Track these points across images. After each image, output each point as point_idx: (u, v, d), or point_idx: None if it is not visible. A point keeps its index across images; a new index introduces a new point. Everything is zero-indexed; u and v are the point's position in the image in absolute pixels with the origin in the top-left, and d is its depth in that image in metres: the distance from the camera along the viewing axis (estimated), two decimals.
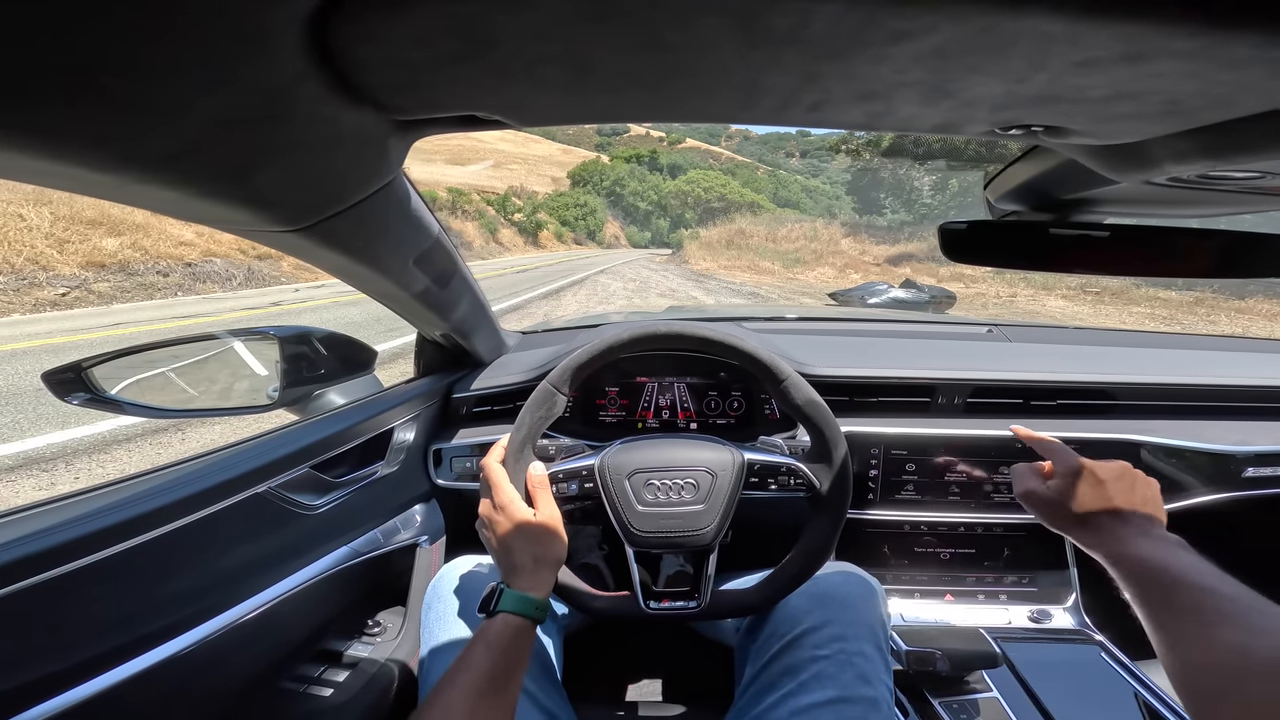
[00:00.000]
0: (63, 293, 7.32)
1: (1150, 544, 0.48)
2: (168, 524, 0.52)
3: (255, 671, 0.66)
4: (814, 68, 0.30)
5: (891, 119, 0.37)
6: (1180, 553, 0.47)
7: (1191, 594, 0.43)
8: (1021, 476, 0.59)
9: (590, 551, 1.14)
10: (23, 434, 3.00)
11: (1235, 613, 0.40)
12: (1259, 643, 0.37)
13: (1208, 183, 0.45)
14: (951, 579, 1.00)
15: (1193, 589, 0.43)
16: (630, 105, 0.37)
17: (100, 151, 0.29)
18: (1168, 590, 0.44)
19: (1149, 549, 0.48)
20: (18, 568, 0.42)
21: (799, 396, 0.70)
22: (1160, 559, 0.46)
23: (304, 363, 0.87)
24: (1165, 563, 0.46)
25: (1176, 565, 0.45)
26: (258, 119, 0.32)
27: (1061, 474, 0.56)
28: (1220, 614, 0.40)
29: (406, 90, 0.34)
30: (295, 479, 0.67)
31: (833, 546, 0.68)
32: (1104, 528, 0.51)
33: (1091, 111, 0.34)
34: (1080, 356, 1.08)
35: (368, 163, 0.43)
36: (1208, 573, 0.44)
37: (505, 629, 0.55)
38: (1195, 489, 0.93)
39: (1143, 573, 0.47)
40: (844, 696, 0.60)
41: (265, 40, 0.27)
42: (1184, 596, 0.43)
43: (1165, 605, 0.44)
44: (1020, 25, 0.25)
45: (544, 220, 40.84)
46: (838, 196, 72.47)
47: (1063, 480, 0.55)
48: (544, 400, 0.70)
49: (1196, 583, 0.43)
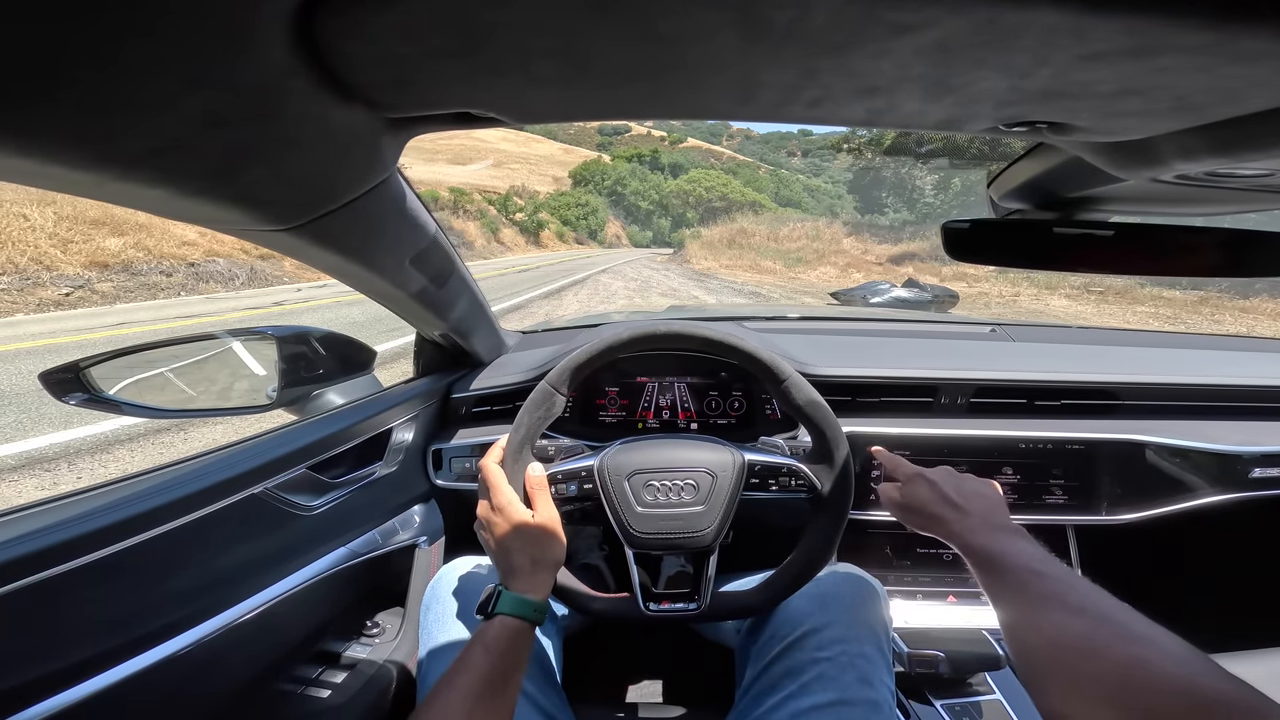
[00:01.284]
0: (66, 292, 7.35)
1: (990, 534, 0.53)
2: (164, 524, 0.51)
3: (253, 672, 0.65)
4: (813, 62, 0.30)
5: (893, 116, 0.36)
6: (1016, 540, 0.51)
7: (1020, 576, 0.47)
8: (883, 491, 0.67)
9: (590, 552, 1.13)
10: (25, 434, 3.01)
11: (1056, 593, 0.43)
12: (1074, 621, 0.40)
13: (1215, 180, 0.44)
14: (954, 580, 0.99)
15: (1021, 572, 0.47)
16: (627, 101, 0.36)
17: (77, 150, 0.28)
18: (1002, 574, 0.48)
19: (988, 538, 0.52)
20: (15, 567, 0.41)
21: (800, 396, 0.69)
22: (997, 547, 0.50)
23: (302, 363, 0.86)
24: (1001, 549, 0.50)
25: (1010, 551, 0.49)
26: (243, 117, 0.31)
27: (904, 480, 0.65)
28: (1044, 595, 0.44)
29: (397, 87, 0.34)
30: (292, 480, 0.67)
31: (834, 548, 0.68)
32: (948, 520, 0.57)
33: (1097, 107, 0.33)
34: (1084, 356, 1.07)
35: (360, 161, 0.42)
36: (1037, 557, 0.48)
37: (504, 631, 0.54)
38: (1201, 489, 0.92)
39: (983, 560, 0.51)
40: (845, 699, 0.60)
41: (249, 36, 0.26)
42: (1014, 579, 0.47)
43: (1000, 589, 0.48)
44: (1025, 18, 0.24)
45: (545, 220, 40.84)
46: (840, 196, 72.35)
47: (905, 486, 0.64)
48: (543, 400, 0.69)
49: (1025, 566, 0.47)
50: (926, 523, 0.60)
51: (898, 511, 0.65)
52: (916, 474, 0.64)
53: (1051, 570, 0.46)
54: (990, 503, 0.58)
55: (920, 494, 0.61)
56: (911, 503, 0.62)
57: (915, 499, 0.62)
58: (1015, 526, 0.54)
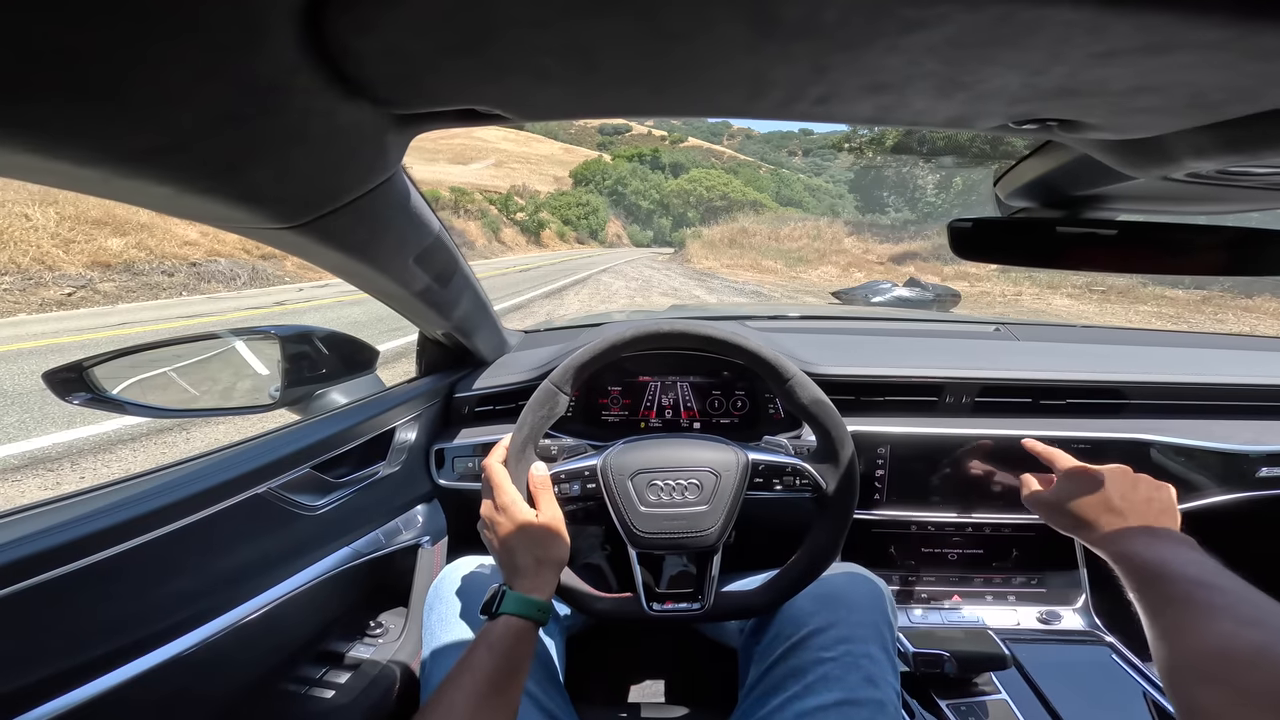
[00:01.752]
0: (68, 292, 7.36)
1: (1152, 541, 0.49)
2: (168, 525, 0.51)
3: (257, 673, 0.65)
4: (823, 59, 0.29)
5: (903, 113, 0.36)
6: (1181, 549, 0.47)
7: (1185, 587, 0.43)
8: (1027, 482, 0.63)
9: (593, 552, 1.13)
10: (29, 434, 3.01)
11: (1226, 605, 0.40)
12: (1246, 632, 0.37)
13: (1226, 179, 0.44)
14: (959, 580, 0.99)
15: (1187, 582, 0.43)
16: (633, 99, 0.36)
17: (85, 146, 0.28)
18: (1163, 584, 0.45)
19: (1149, 545, 0.48)
20: (19, 568, 0.41)
21: (804, 396, 0.69)
22: (1159, 555, 0.47)
23: (305, 362, 0.86)
24: (1163, 558, 0.46)
25: (1174, 560, 0.46)
26: (251, 113, 0.31)
27: (1062, 477, 0.59)
28: (1211, 606, 0.41)
29: (404, 83, 0.33)
30: (296, 479, 0.66)
31: (839, 547, 0.68)
32: (1106, 526, 0.53)
33: (1111, 105, 0.33)
34: (1089, 355, 1.07)
35: (366, 158, 0.42)
36: (1207, 568, 0.44)
37: (507, 631, 0.54)
38: (1208, 489, 0.92)
39: (1141, 567, 0.47)
40: (850, 699, 0.59)
41: (257, 32, 0.26)
42: (1178, 589, 0.43)
43: (1160, 598, 0.44)
44: (1039, 14, 0.24)
45: (546, 219, 40.83)
46: (841, 195, 72.31)
47: (1063, 482, 0.59)
48: (546, 400, 0.69)
49: (1192, 576, 0.44)
50: (1074, 525, 0.56)
51: (1041, 509, 0.60)
52: (1079, 470, 0.58)
53: (1220, 582, 0.42)
54: (1157, 507, 0.54)
55: (1081, 494, 0.56)
56: (1067, 501, 0.57)
57: (1070, 497, 0.57)
58: (1181, 535, 0.50)
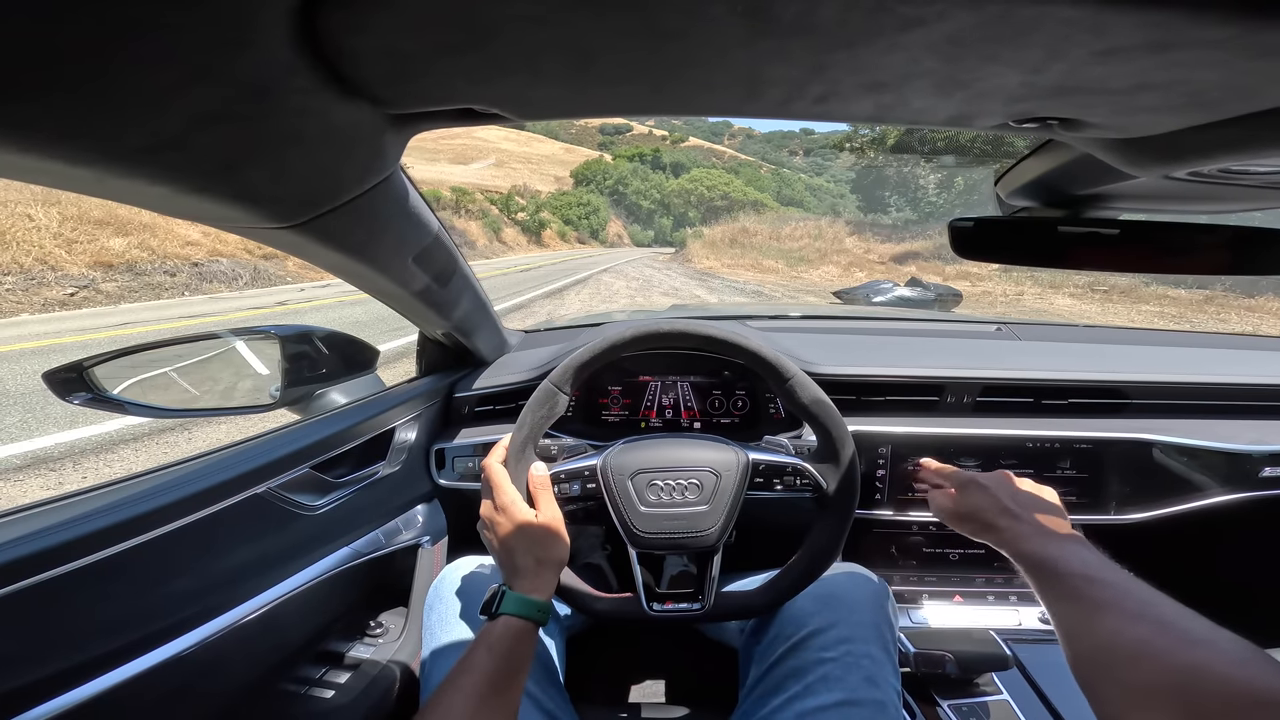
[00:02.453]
0: (71, 292, 7.38)
1: (1045, 540, 0.51)
2: (168, 524, 0.51)
3: (256, 673, 0.65)
4: (822, 58, 0.29)
5: (902, 111, 0.36)
6: (1073, 546, 0.50)
7: (1074, 582, 0.46)
8: (934, 498, 0.67)
9: (593, 552, 1.13)
10: (30, 433, 3.02)
11: (1112, 599, 0.42)
12: (1130, 628, 0.39)
13: (1227, 177, 0.44)
14: (960, 580, 0.99)
15: (1077, 578, 0.46)
16: (631, 98, 0.36)
17: (79, 145, 0.28)
18: (1057, 580, 0.47)
19: (1042, 545, 0.51)
20: (18, 568, 0.41)
21: (805, 395, 0.69)
22: (1051, 553, 0.49)
23: (305, 362, 0.86)
24: (1054, 556, 0.49)
25: (1065, 558, 0.48)
26: (245, 113, 0.31)
27: (957, 487, 0.64)
28: (1098, 601, 0.43)
29: (400, 83, 0.33)
30: (295, 479, 0.66)
31: (839, 547, 0.67)
32: (1002, 528, 0.56)
33: (1112, 103, 0.33)
34: (1091, 355, 1.07)
35: (363, 158, 0.42)
36: (1095, 564, 0.47)
37: (507, 631, 0.54)
38: (1211, 489, 0.91)
39: (1037, 565, 0.50)
40: (851, 699, 0.59)
41: (250, 31, 0.26)
42: (1068, 585, 0.46)
43: (1055, 595, 0.47)
44: (1040, 12, 0.24)
45: (547, 219, 40.84)
46: (842, 195, 72.22)
47: (960, 493, 0.63)
48: (546, 399, 0.69)
49: (1081, 572, 0.46)
50: (980, 530, 0.59)
51: (951, 519, 0.64)
52: (970, 480, 0.63)
53: (1107, 576, 0.45)
54: (1046, 508, 0.57)
55: (975, 500, 0.60)
56: (966, 510, 0.61)
57: (970, 506, 0.61)
58: (1072, 533, 0.52)
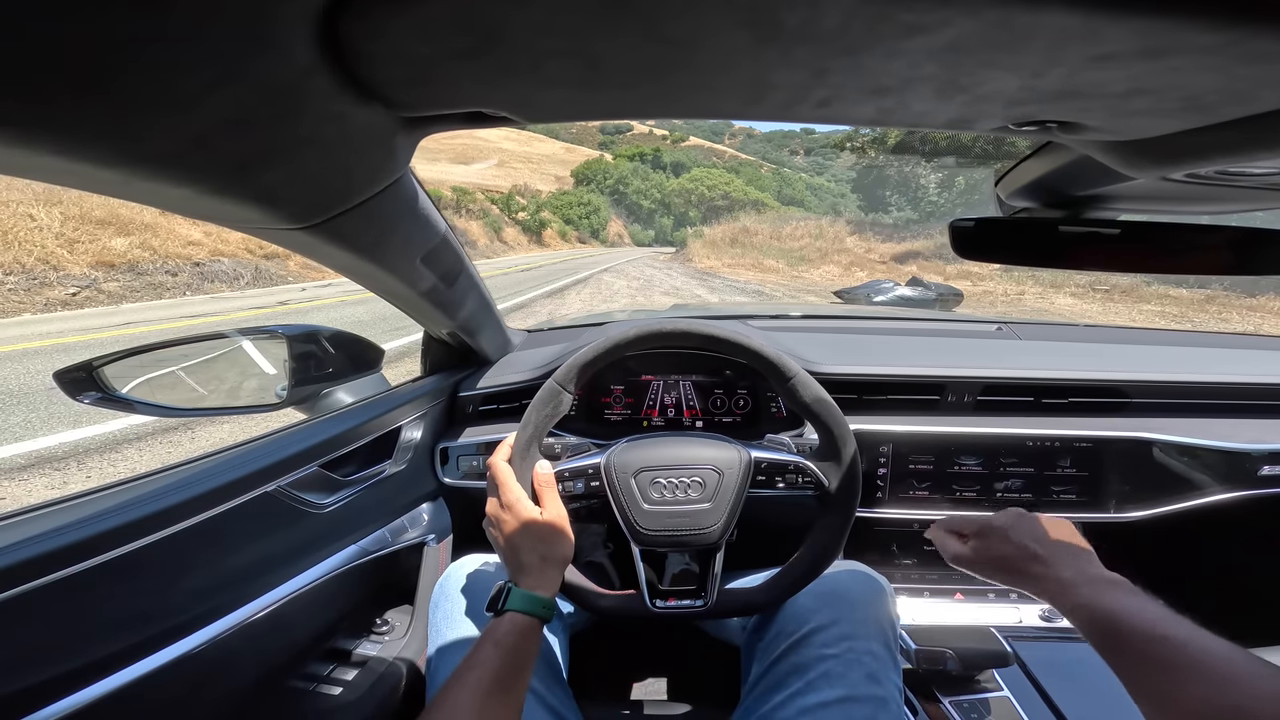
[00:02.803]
0: (73, 292, 7.40)
1: (1095, 591, 0.49)
2: (178, 523, 0.52)
3: (265, 670, 0.66)
4: (824, 63, 0.30)
5: (903, 115, 0.36)
6: (1123, 597, 0.47)
7: (1142, 644, 0.43)
8: (942, 544, 0.63)
9: (596, 550, 1.14)
10: (35, 433, 3.03)
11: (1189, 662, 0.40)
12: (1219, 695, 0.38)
13: (1225, 179, 0.44)
14: (961, 577, 0.99)
15: (1143, 638, 0.43)
16: (637, 101, 0.37)
17: (107, 148, 0.29)
18: (1122, 641, 0.45)
19: (1093, 597, 0.48)
20: (28, 568, 0.42)
21: (807, 394, 0.69)
22: (1106, 607, 0.47)
23: (312, 361, 0.87)
24: (1111, 610, 0.46)
25: (1123, 613, 0.46)
26: (267, 116, 0.31)
27: (974, 535, 0.60)
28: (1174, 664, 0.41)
29: (415, 86, 0.34)
30: (304, 478, 0.67)
31: (841, 545, 0.68)
32: (1037, 575, 0.53)
33: (1108, 107, 0.33)
34: (1092, 354, 1.07)
35: (375, 160, 0.43)
36: (1155, 617, 0.44)
37: (513, 628, 0.55)
38: (1210, 487, 0.92)
39: (1091, 621, 0.47)
40: (852, 695, 0.60)
41: (275, 36, 0.27)
42: (1136, 647, 0.43)
43: (1122, 656, 0.44)
44: (1037, 19, 0.24)
45: (548, 219, 40.82)
46: (843, 194, 72.09)
47: (979, 542, 0.59)
48: (550, 398, 0.70)
49: (1146, 631, 0.43)
50: (1011, 579, 0.56)
51: (972, 567, 0.61)
52: (985, 527, 0.60)
53: (1172, 632, 0.42)
54: (1075, 549, 0.54)
55: (998, 550, 0.57)
56: (989, 558, 0.58)
57: (993, 554, 0.58)
58: (1113, 576, 0.50)
